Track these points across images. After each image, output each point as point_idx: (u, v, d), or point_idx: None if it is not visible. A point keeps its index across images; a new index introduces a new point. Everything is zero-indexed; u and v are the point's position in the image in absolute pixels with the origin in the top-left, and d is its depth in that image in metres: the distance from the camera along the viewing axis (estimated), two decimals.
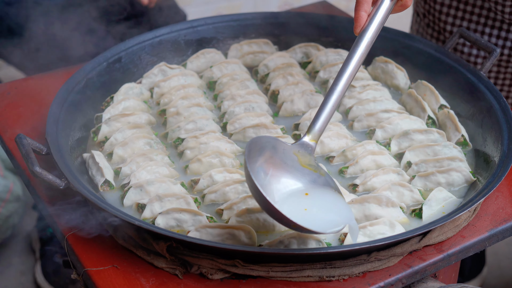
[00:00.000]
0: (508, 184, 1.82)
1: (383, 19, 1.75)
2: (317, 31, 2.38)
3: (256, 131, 1.97)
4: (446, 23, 2.48)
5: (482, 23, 2.41)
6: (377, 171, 1.79)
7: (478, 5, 2.38)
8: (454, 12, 2.45)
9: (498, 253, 3.52)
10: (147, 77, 2.20)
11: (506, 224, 1.70)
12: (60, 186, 1.65)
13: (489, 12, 2.37)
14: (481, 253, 3.23)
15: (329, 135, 1.93)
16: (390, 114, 2.01)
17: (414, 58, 2.21)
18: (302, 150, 1.65)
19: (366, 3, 1.71)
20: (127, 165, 1.84)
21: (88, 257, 1.62)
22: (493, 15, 2.36)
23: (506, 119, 1.87)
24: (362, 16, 1.71)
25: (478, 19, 2.41)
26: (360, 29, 1.71)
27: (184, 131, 1.96)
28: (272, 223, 1.66)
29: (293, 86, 2.13)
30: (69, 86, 2.00)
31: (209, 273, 1.55)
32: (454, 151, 1.87)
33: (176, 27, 2.33)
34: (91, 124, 2.03)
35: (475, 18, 2.41)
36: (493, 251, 3.51)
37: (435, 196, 1.72)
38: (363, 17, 1.71)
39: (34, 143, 1.74)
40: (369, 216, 1.68)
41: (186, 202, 1.70)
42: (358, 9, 1.71)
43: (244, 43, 2.34)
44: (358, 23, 1.70)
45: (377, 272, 1.57)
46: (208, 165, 1.85)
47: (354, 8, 1.71)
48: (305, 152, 1.66)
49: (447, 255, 1.62)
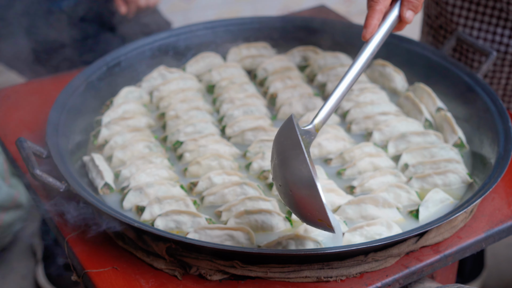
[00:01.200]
0: (504, 185, 1.83)
1: (389, 30, 1.76)
2: (315, 35, 2.40)
3: (255, 134, 1.99)
4: (458, 24, 2.49)
5: (493, 24, 2.41)
6: (374, 173, 1.81)
7: (490, 5, 2.40)
8: (466, 13, 2.46)
9: (497, 256, 3.53)
10: (147, 81, 2.22)
11: (503, 225, 1.72)
12: (60, 189, 1.67)
13: (500, 12, 2.38)
14: (481, 255, 3.24)
15: (327, 137, 1.94)
16: (387, 117, 2.03)
17: (412, 61, 2.23)
18: (306, 137, 1.55)
19: (379, 13, 1.72)
20: (127, 168, 1.85)
21: (88, 259, 1.63)
22: (504, 15, 2.37)
23: (502, 121, 1.88)
24: (374, 24, 1.72)
25: (490, 20, 2.41)
26: (370, 36, 1.71)
27: (183, 134, 1.98)
28: (270, 224, 1.67)
29: (291, 89, 2.15)
30: (69, 90, 2.02)
31: (208, 274, 1.56)
32: (451, 153, 1.89)
33: (175, 31, 2.35)
34: (91, 128, 2.05)
35: (487, 19, 2.42)
36: (492, 254, 3.52)
37: (431, 197, 1.74)
38: (374, 25, 1.72)
39: (35, 146, 1.75)
40: (366, 216, 1.70)
41: (185, 204, 1.72)
42: (372, 17, 1.72)
43: (243, 46, 2.36)
44: (369, 30, 1.71)
45: (374, 273, 1.58)
46: (207, 168, 1.87)
47: (367, 15, 1.73)
48: (306, 139, 1.55)
49: (443, 256, 1.63)
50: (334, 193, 1.75)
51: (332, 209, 1.73)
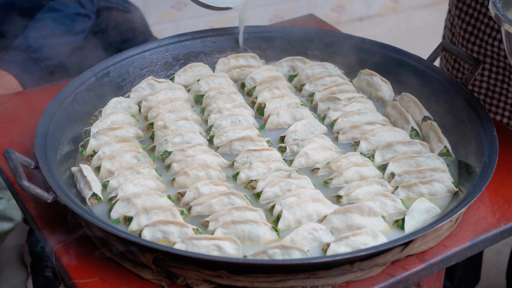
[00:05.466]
0: (489, 194, 1.85)
1: None
2: (303, 44, 2.42)
3: (242, 144, 2.00)
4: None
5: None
6: (361, 182, 1.82)
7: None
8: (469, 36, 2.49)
9: (487, 263, 3.55)
10: (135, 91, 2.23)
11: (487, 234, 1.73)
12: (48, 200, 1.67)
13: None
14: (478, 268, 3.23)
15: (314, 147, 1.96)
16: (374, 126, 2.04)
17: (399, 70, 2.25)
18: None
19: None
20: (115, 178, 1.86)
21: (75, 269, 1.64)
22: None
23: (486, 131, 1.90)
24: None
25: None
26: None
27: (171, 144, 1.99)
28: (256, 234, 1.68)
29: (279, 99, 2.16)
30: (57, 101, 2.03)
31: (195, 284, 1.57)
32: (437, 162, 1.90)
33: (163, 41, 2.36)
34: (79, 138, 2.05)
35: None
36: (483, 261, 3.54)
37: (417, 207, 1.75)
38: None
39: (22, 157, 1.76)
40: (351, 226, 1.71)
41: (173, 214, 1.73)
42: None
43: (231, 57, 2.37)
44: None
45: (360, 282, 1.59)
46: (194, 178, 1.88)
47: None
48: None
49: (429, 265, 1.65)
50: (320, 203, 1.76)
51: (318, 219, 1.75)
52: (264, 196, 1.82)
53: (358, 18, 5.76)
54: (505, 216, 1.78)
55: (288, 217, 1.73)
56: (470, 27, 2.51)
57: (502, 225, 1.75)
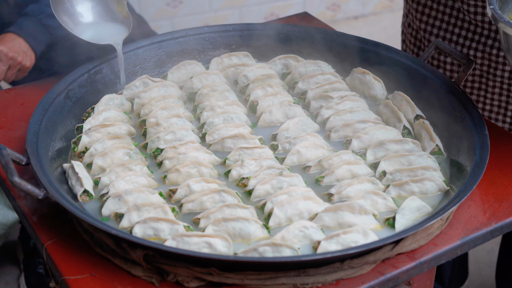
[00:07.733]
0: (480, 193, 1.85)
1: None
2: (297, 42, 2.42)
3: (235, 142, 2.00)
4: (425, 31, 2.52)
5: (456, 33, 2.44)
6: (352, 181, 1.83)
7: (453, 15, 2.42)
8: (432, 21, 2.48)
9: (479, 262, 3.55)
10: (129, 88, 2.23)
11: (478, 232, 1.74)
12: (39, 196, 1.67)
13: (464, 18, 2.40)
14: (464, 264, 3.25)
15: (306, 145, 1.96)
16: (366, 125, 2.05)
17: (391, 69, 2.25)
18: None
19: None
20: (106, 175, 1.86)
21: (66, 265, 1.64)
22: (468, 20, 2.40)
23: (478, 130, 1.90)
24: None
25: (453, 29, 2.45)
26: None
27: (163, 141, 1.99)
28: (247, 232, 1.68)
29: (272, 97, 2.17)
30: (50, 97, 2.03)
31: (185, 281, 1.57)
32: (428, 161, 1.91)
33: (157, 38, 2.36)
34: (72, 135, 2.05)
35: (451, 28, 2.45)
36: (474, 260, 3.55)
37: (408, 205, 1.76)
38: None
39: (14, 153, 1.76)
40: (342, 224, 1.71)
41: (164, 212, 1.73)
42: None
43: (225, 56, 2.37)
44: None
45: (350, 280, 1.60)
46: (186, 175, 1.88)
47: None
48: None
49: (419, 263, 1.65)
50: (311, 201, 1.76)
51: (309, 217, 1.75)
52: (256, 194, 1.82)
53: (353, 16, 5.77)
54: (496, 214, 1.78)
55: (279, 215, 1.74)
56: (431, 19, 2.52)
57: (493, 224, 1.76)
